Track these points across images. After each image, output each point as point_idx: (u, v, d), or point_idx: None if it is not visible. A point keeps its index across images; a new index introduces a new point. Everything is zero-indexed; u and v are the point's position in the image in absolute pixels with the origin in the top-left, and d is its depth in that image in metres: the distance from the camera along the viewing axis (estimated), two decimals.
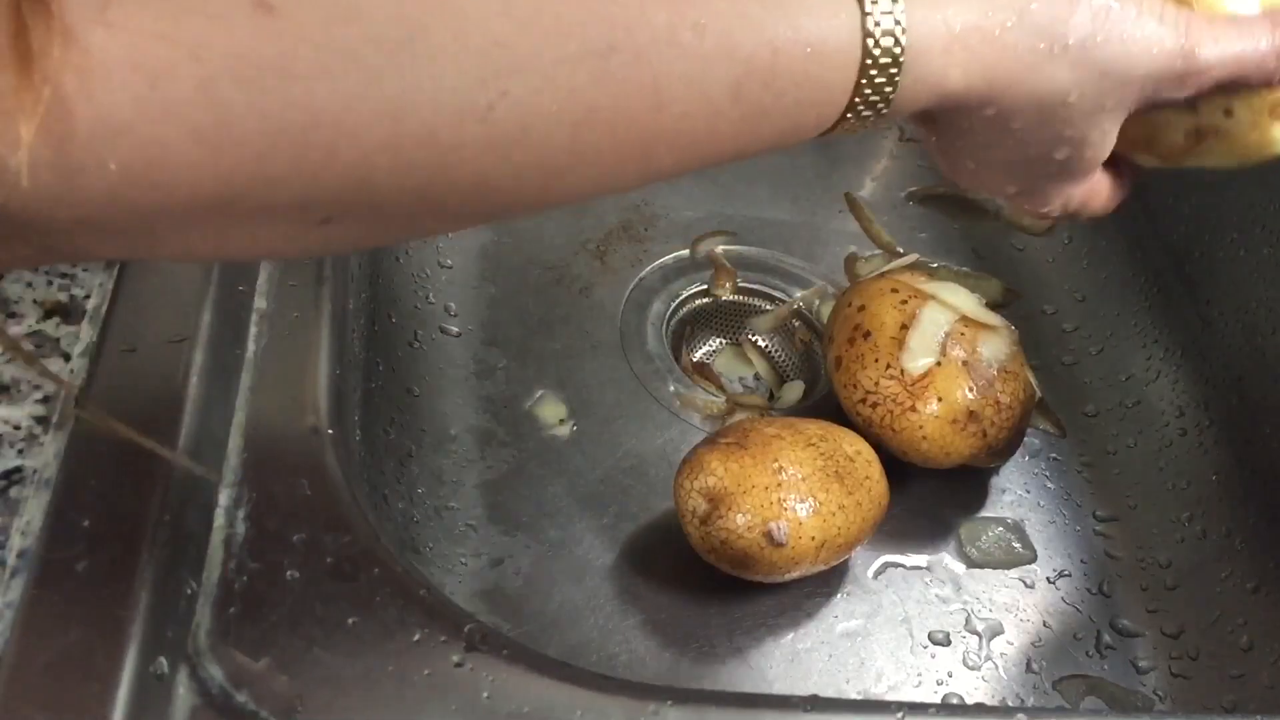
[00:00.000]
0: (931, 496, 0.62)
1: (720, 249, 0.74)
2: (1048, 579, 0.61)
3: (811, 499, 0.52)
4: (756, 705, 0.40)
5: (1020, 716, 0.41)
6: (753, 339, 0.71)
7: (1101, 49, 0.37)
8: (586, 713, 0.38)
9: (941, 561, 0.60)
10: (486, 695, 0.38)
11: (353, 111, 0.27)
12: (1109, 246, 0.74)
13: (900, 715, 0.40)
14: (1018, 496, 0.64)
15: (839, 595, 0.58)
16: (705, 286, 0.72)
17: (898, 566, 0.60)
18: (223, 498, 0.42)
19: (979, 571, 0.60)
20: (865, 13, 0.34)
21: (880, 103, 0.35)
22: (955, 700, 0.55)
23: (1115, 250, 0.74)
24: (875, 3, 0.34)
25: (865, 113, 0.35)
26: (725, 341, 0.71)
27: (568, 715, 0.38)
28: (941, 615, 0.58)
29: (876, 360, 0.59)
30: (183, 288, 0.45)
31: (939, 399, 0.57)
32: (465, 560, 0.57)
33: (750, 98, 0.32)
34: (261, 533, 0.41)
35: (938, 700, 0.55)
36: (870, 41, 0.34)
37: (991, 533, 0.62)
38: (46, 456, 0.40)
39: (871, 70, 0.34)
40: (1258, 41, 0.39)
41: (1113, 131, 0.40)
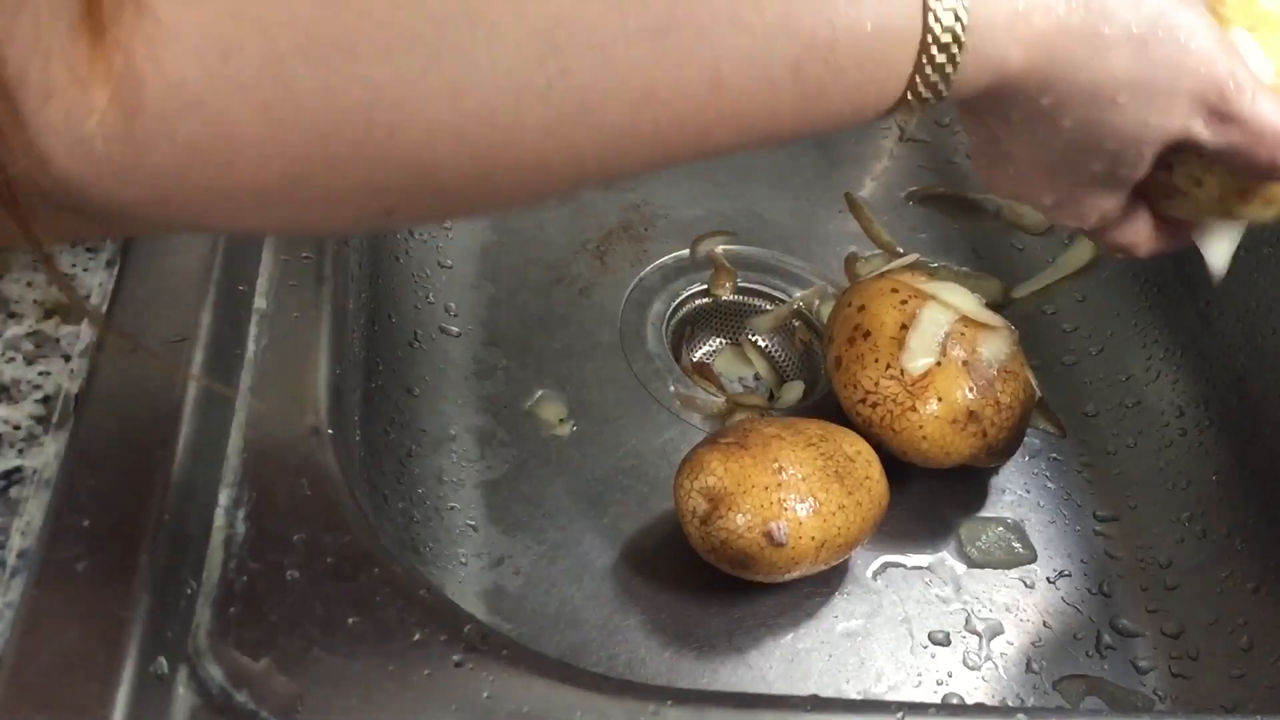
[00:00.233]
0: (931, 496, 0.62)
1: (720, 249, 0.74)
2: (1048, 579, 0.61)
3: (811, 499, 0.52)
4: (756, 705, 0.40)
5: (1020, 716, 0.41)
6: (753, 339, 0.71)
7: (1160, 48, 0.37)
8: (586, 713, 0.38)
9: (941, 561, 0.60)
10: (486, 695, 0.38)
11: (414, 91, 0.27)
12: None
13: (900, 715, 0.40)
14: (1018, 496, 0.64)
15: (839, 595, 0.58)
16: (705, 286, 0.72)
17: (898, 566, 0.60)
18: (223, 498, 0.42)
19: (979, 571, 0.60)
20: None
21: (941, 83, 0.35)
22: (955, 700, 0.55)
23: None
24: None
25: (925, 93, 0.35)
26: (725, 341, 0.71)
27: (568, 715, 0.38)
28: (941, 615, 0.58)
29: (876, 360, 0.59)
30: (183, 288, 0.45)
31: (939, 399, 0.57)
32: (465, 560, 0.57)
33: (810, 76, 0.32)
34: (261, 533, 0.41)
35: (938, 700, 0.55)
36: (931, 17, 0.33)
37: (991, 533, 0.62)
38: (46, 456, 0.40)
39: (933, 48, 0.34)
40: None
41: (1149, 156, 0.40)
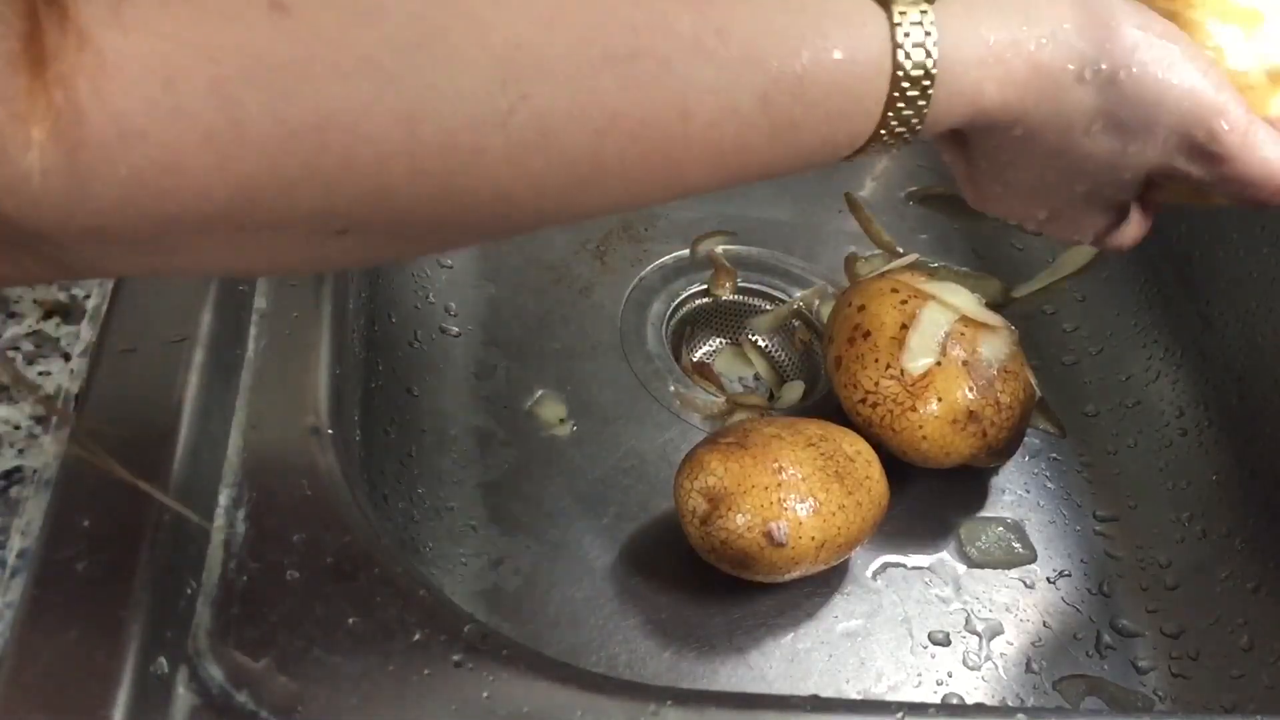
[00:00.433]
0: (931, 496, 0.62)
1: (720, 249, 0.74)
2: (1048, 579, 0.61)
3: (811, 499, 0.52)
4: (756, 705, 0.40)
5: (1020, 716, 0.41)
6: (753, 339, 0.71)
7: (1133, 83, 0.37)
8: (586, 713, 0.38)
9: (941, 561, 0.60)
10: (486, 695, 0.38)
11: (368, 115, 0.27)
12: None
13: (900, 715, 0.40)
14: (1018, 496, 0.64)
15: (839, 595, 0.58)
16: (705, 286, 0.72)
17: (898, 566, 0.60)
18: (223, 498, 0.42)
19: (979, 571, 0.60)
20: (894, 24, 0.33)
21: (914, 117, 0.34)
22: (955, 700, 0.55)
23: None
24: (904, 14, 0.33)
25: (899, 129, 0.35)
26: (725, 341, 0.71)
27: (568, 715, 0.38)
28: (941, 615, 0.58)
29: (876, 360, 0.59)
30: (183, 288, 0.45)
31: (939, 399, 0.57)
32: (465, 560, 0.57)
33: (780, 108, 0.32)
34: (261, 533, 0.41)
35: (938, 700, 0.55)
36: (900, 53, 0.33)
37: (991, 533, 0.62)
38: (46, 456, 0.40)
39: (904, 83, 0.34)
40: None
41: (1133, 182, 0.40)
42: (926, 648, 0.57)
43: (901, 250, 0.75)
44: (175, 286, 0.46)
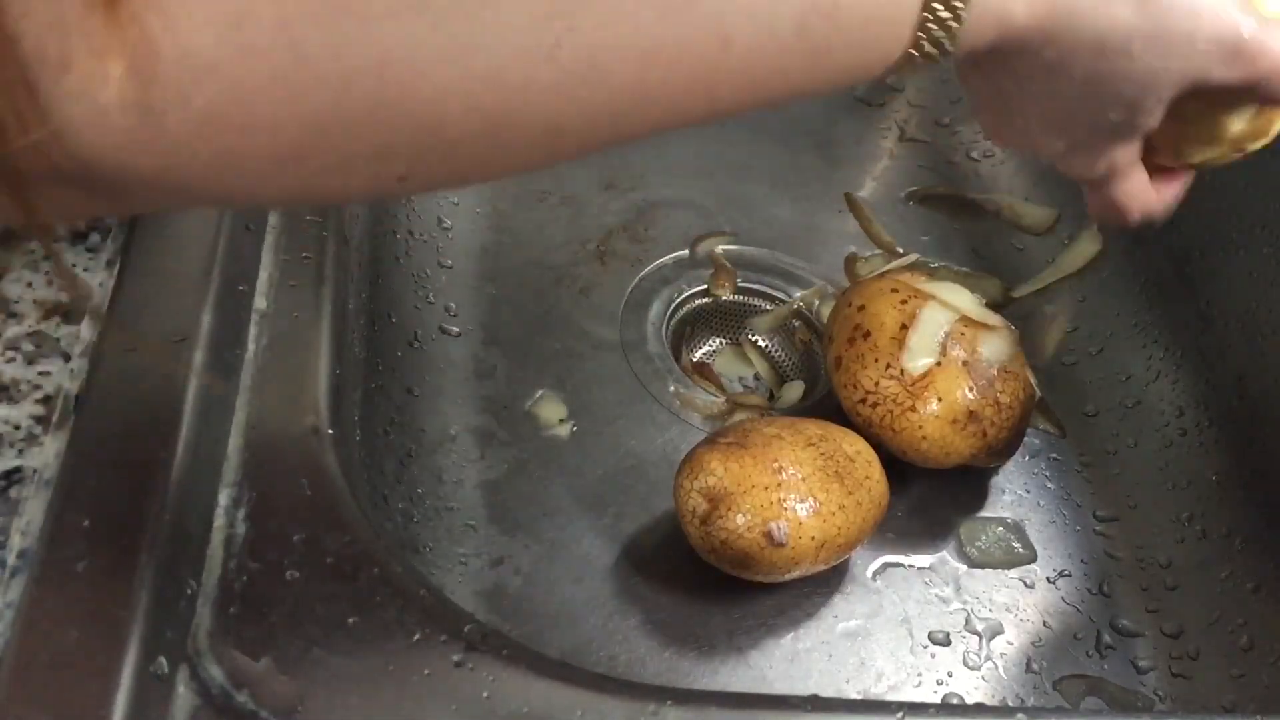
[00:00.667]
0: (931, 496, 0.62)
1: (720, 249, 0.74)
2: (1048, 579, 0.61)
3: (811, 499, 0.52)
4: (756, 705, 0.41)
5: (1020, 716, 0.41)
6: (753, 339, 0.71)
7: None
8: (586, 713, 0.38)
9: (941, 561, 0.60)
10: (486, 695, 0.38)
11: (423, 52, 0.28)
12: (1109, 246, 0.74)
13: (900, 715, 0.40)
14: (1018, 496, 0.64)
15: (839, 595, 0.58)
16: (705, 286, 0.72)
17: (898, 566, 0.60)
18: (223, 498, 0.42)
19: (979, 571, 0.60)
20: None
21: (945, 37, 0.35)
22: (955, 700, 0.55)
23: (1115, 250, 0.74)
24: None
25: (930, 49, 0.35)
26: (725, 341, 0.71)
27: (568, 715, 0.38)
28: (941, 615, 0.58)
29: (876, 360, 0.59)
30: (183, 288, 0.45)
31: (939, 399, 0.57)
32: (465, 560, 0.57)
33: (815, 32, 0.32)
34: (261, 533, 0.41)
35: (938, 700, 0.55)
36: None
37: (991, 533, 0.62)
38: (46, 456, 0.40)
39: (936, 4, 0.34)
40: None
41: (1166, 101, 0.40)
42: (926, 648, 0.57)
43: (901, 250, 0.75)
44: (175, 287, 0.45)
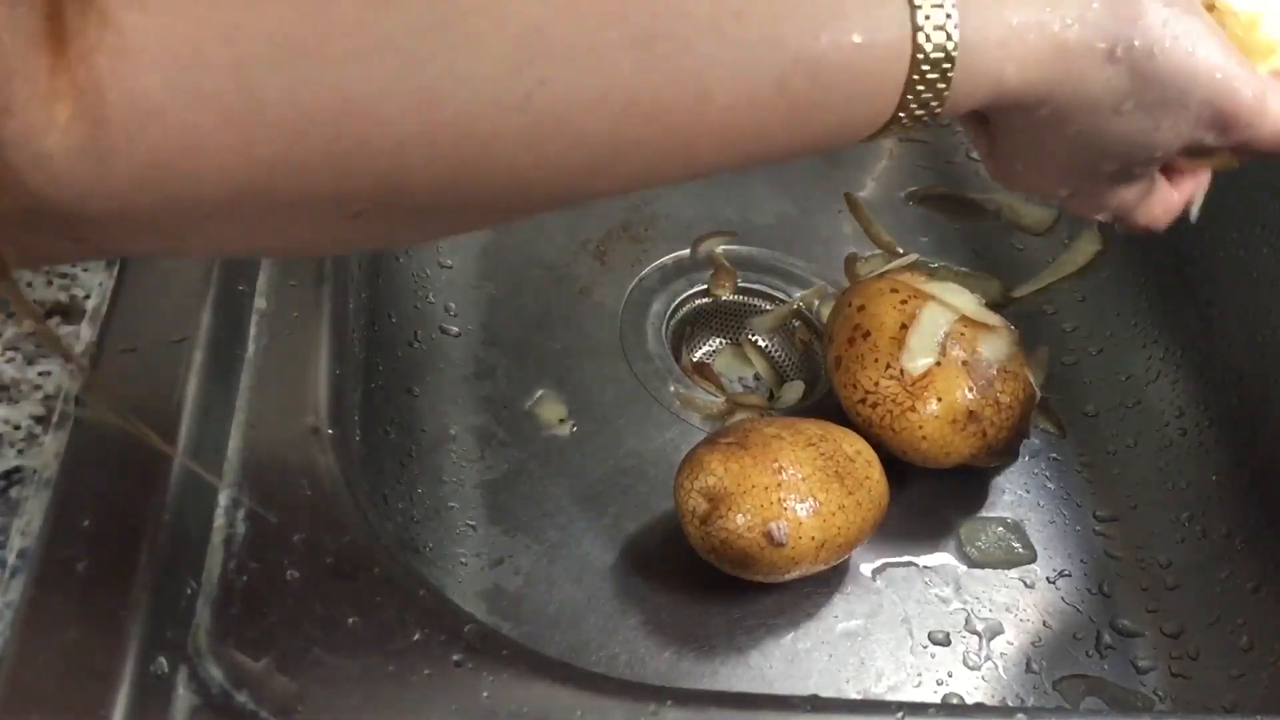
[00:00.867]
0: (931, 496, 0.62)
1: (720, 249, 0.74)
2: (1048, 579, 0.61)
3: (811, 499, 0.52)
4: (756, 705, 0.40)
5: (1020, 716, 0.41)
6: (753, 339, 0.71)
7: (1165, 59, 0.37)
8: (586, 713, 0.38)
9: (941, 561, 0.60)
10: (486, 695, 0.38)
11: (387, 99, 0.27)
12: (1109, 246, 0.74)
13: (900, 715, 0.40)
14: (1018, 496, 0.64)
15: (839, 595, 0.58)
16: (705, 286, 0.72)
17: (898, 566, 0.60)
18: (223, 498, 0.42)
19: (979, 571, 0.60)
20: (914, 6, 0.33)
21: (934, 100, 0.34)
22: (955, 700, 0.55)
23: (1115, 250, 0.74)
24: None
25: (919, 111, 0.34)
26: (725, 341, 0.71)
27: (568, 715, 0.38)
28: (941, 615, 0.58)
29: (876, 360, 0.59)
30: (183, 288, 0.45)
31: (939, 399, 0.57)
32: (465, 560, 0.57)
33: (798, 91, 0.32)
34: (261, 533, 0.41)
35: (938, 700, 0.55)
36: (921, 36, 0.33)
37: (991, 533, 0.62)
38: (46, 456, 0.40)
39: (924, 66, 0.33)
40: None
41: (1161, 159, 0.40)
42: (926, 648, 0.57)
43: (901, 250, 0.75)
44: (175, 286, 0.46)
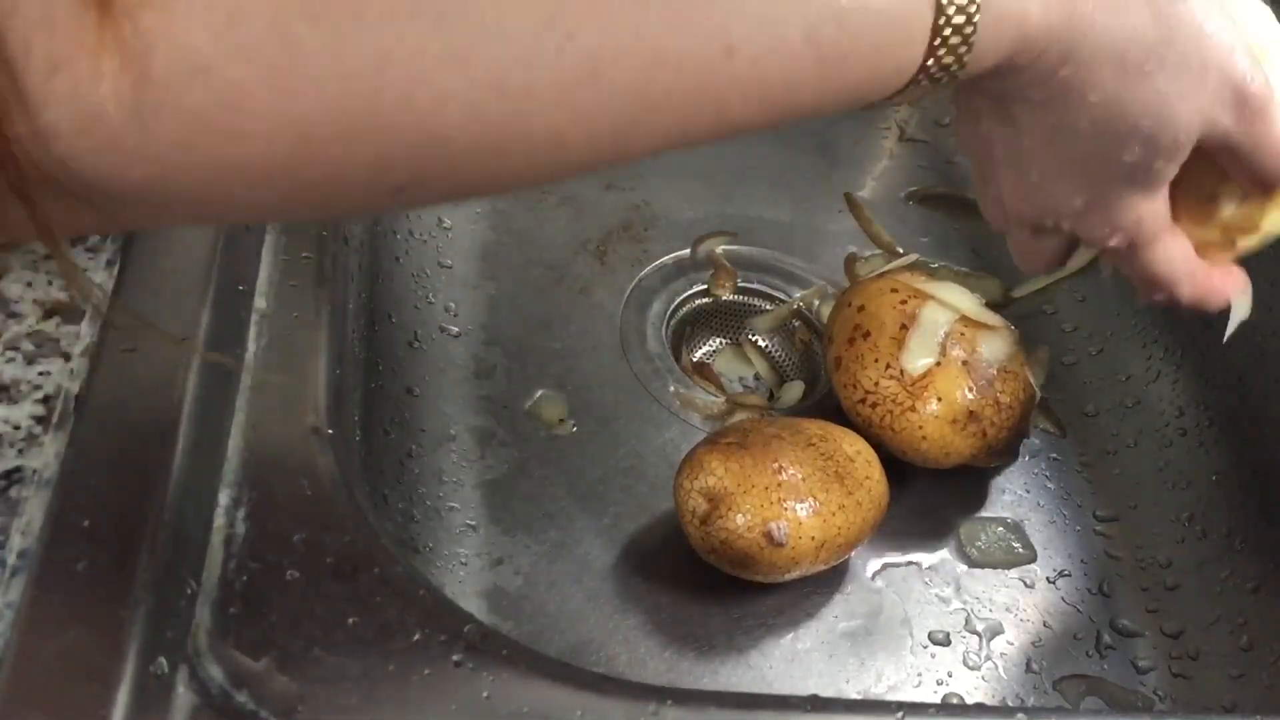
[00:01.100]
0: (931, 496, 0.62)
1: (720, 249, 0.74)
2: (1048, 579, 0.61)
3: (811, 499, 0.52)
4: (756, 705, 0.40)
5: (1020, 716, 0.41)
6: (753, 339, 0.71)
7: (1188, 9, 0.37)
8: (586, 713, 0.38)
9: (941, 561, 0.60)
10: (486, 695, 0.38)
11: (421, 56, 0.27)
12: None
13: (900, 715, 0.40)
14: (1018, 496, 0.64)
15: (839, 595, 0.58)
16: (705, 286, 0.72)
17: (898, 566, 0.60)
18: (223, 498, 0.42)
19: (979, 571, 0.60)
20: None
21: (962, 45, 0.34)
22: (955, 700, 0.55)
23: None
24: None
25: (947, 58, 0.34)
26: (725, 341, 0.71)
27: (568, 715, 0.38)
28: (941, 615, 0.58)
29: (876, 360, 0.59)
30: (183, 288, 0.45)
31: (939, 399, 0.57)
32: (465, 560, 0.57)
33: (826, 40, 0.32)
34: (261, 533, 0.41)
35: (938, 700, 0.55)
36: None
37: (991, 533, 0.62)
38: (46, 456, 0.40)
39: (949, 9, 0.33)
40: None
41: (1185, 145, 0.39)
42: (926, 648, 0.57)
43: (901, 250, 0.75)
44: (175, 286, 0.45)
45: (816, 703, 0.40)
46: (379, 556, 0.41)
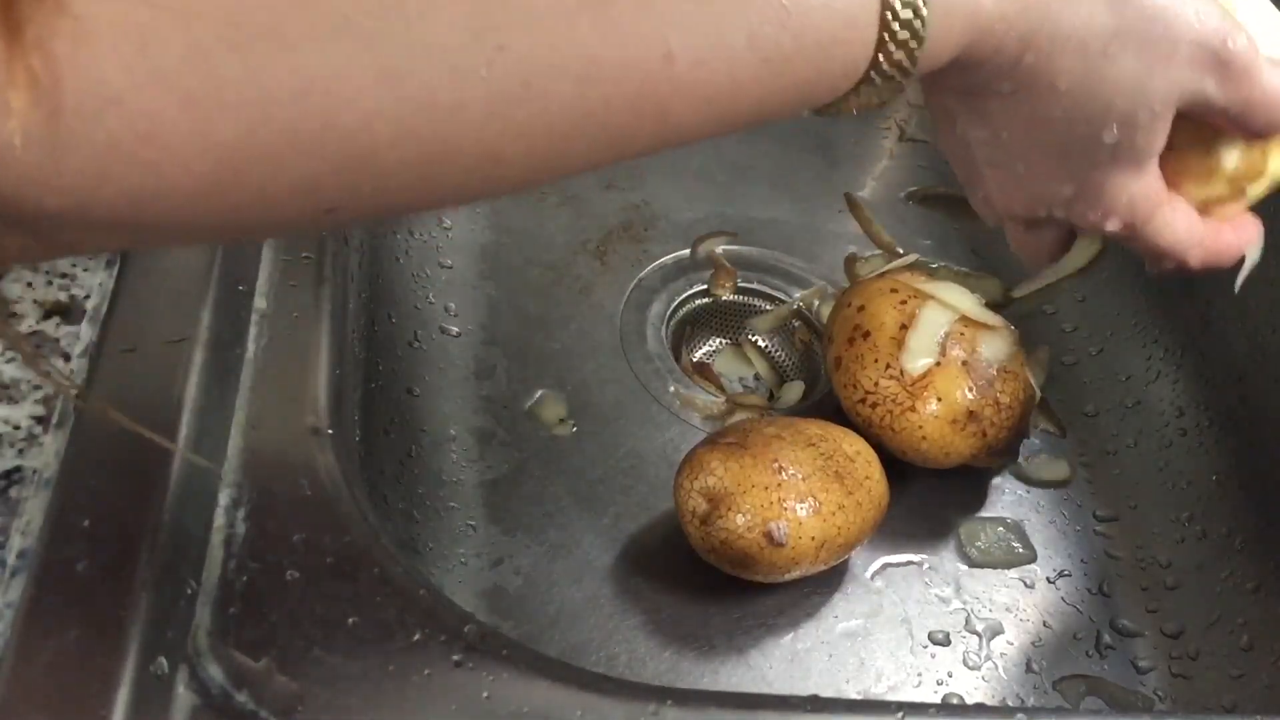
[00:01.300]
0: (931, 496, 0.62)
1: (720, 249, 0.74)
2: (1048, 579, 0.61)
3: (811, 499, 0.52)
4: (756, 705, 0.40)
5: (1020, 716, 0.41)
6: (753, 339, 0.71)
7: None
8: (586, 713, 0.38)
9: (941, 561, 0.60)
10: (486, 695, 0.38)
11: (347, 76, 0.26)
12: (1109, 246, 0.74)
13: (900, 715, 0.40)
14: (1018, 496, 0.64)
15: (839, 595, 0.58)
16: (705, 286, 0.72)
17: (898, 566, 0.60)
18: (223, 498, 0.42)
19: (979, 571, 0.60)
20: None
21: (911, 40, 0.33)
22: (955, 700, 0.55)
23: (1115, 250, 0.74)
24: None
25: (897, 54, 0.33)
26: (725, 341, 0.71)
27: (568, 715, 0.38)
28: (941, 615, 0.58)
29: (876, 360, 0.59)
30: (183, 288, 0.45)
31: (938, 399, 0.57)
32: (465, 560, 0.57)
33: (768, 41, 0.31)
34: (261, 533, 0.41)
35: (938, 700, 0.55)
36: None
37: (991, 533, 0.62)
38: (46, 456, 0.40)
39: (895, 3, 0.32)
40: None
41: (1164, 116, 0.38)
42: (926, 648, 0.57)
43: (901, 250, 0.75)
44: (175, 286, 0.46)
45: (816, 703, 0.40)
46: (379, 556, 0.41)
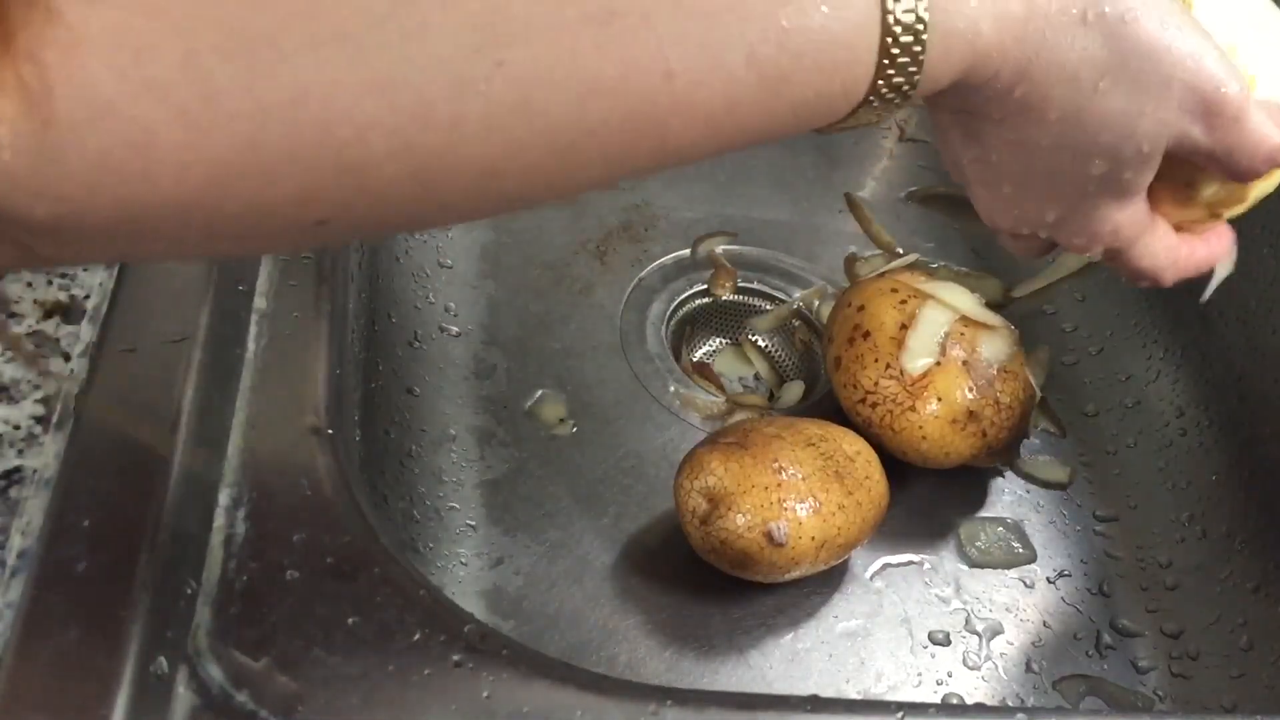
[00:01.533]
0: (931, 496, 0.62)
1: (720, 249, 0.74)
2: (1048, 579, 0.61)
3: (811, 499, 0.52)
4: (756, 705, 0.40)
5: (1020, 716, 0.41)
6: (753, 339, 0.71)
7: (1139, 28, 0.36)
8: (586, 713, 0.38)
9: (941, 561, 0.60)
10: (486, 695, 0.38)
11: (344, 88, 0.26)
12: None
13: (900, 715, 0.40)
14: (1018, 496, 0.64)
15: (839, 595, 0.58)
16: (705, 286, 0.72)
17: (898, 566, 0.60)
18: (223, 498, 0.42)
19: (979, 571, 0.60)
20: None
21: (911, 65, 0.33)
22: (955, 700, 0.55)
23: None
24: None
25: (896, 78, 0.33)
26: (725, 341, 0.71)
27: (568, 715, 0.38)
28: (941, 615, 0.58)
29: (876, 360, 0.59)
30: (183, 288, 0.45)
31: (939, 399, 0.57)
32: (465, 560, 0.57)
33: (767, 61, 0.31)
34: (261, 533, 0.41)
35: (938, 700, 0.55)
36: None
37: (991, 533, 0.62)
38: (46, 456, 0.40)
39: (896, 27, 0.32)
40: None
41: (1153, 155, 0.39)
42: (926, 648, 0.57)
43: (901, 250, 0.75)
44: (175, 286, 0.46)
45: (816, 703, 0.40)
46: (379, 556, 0.41)
